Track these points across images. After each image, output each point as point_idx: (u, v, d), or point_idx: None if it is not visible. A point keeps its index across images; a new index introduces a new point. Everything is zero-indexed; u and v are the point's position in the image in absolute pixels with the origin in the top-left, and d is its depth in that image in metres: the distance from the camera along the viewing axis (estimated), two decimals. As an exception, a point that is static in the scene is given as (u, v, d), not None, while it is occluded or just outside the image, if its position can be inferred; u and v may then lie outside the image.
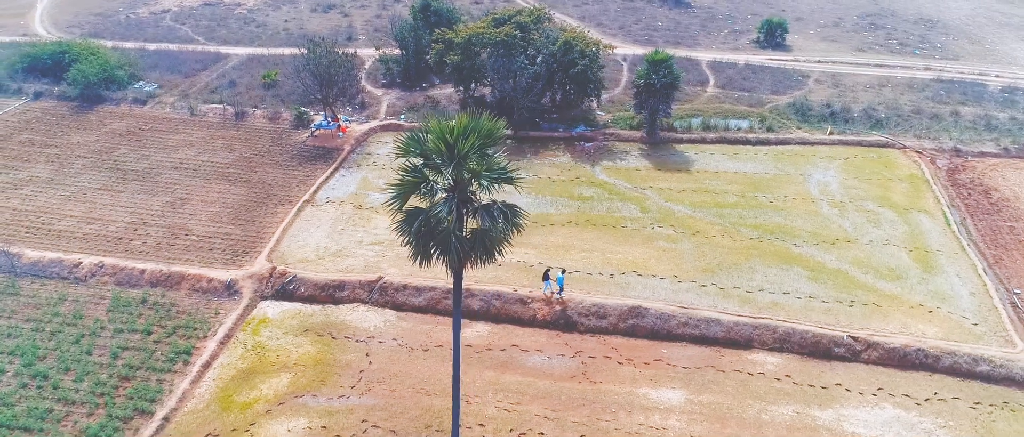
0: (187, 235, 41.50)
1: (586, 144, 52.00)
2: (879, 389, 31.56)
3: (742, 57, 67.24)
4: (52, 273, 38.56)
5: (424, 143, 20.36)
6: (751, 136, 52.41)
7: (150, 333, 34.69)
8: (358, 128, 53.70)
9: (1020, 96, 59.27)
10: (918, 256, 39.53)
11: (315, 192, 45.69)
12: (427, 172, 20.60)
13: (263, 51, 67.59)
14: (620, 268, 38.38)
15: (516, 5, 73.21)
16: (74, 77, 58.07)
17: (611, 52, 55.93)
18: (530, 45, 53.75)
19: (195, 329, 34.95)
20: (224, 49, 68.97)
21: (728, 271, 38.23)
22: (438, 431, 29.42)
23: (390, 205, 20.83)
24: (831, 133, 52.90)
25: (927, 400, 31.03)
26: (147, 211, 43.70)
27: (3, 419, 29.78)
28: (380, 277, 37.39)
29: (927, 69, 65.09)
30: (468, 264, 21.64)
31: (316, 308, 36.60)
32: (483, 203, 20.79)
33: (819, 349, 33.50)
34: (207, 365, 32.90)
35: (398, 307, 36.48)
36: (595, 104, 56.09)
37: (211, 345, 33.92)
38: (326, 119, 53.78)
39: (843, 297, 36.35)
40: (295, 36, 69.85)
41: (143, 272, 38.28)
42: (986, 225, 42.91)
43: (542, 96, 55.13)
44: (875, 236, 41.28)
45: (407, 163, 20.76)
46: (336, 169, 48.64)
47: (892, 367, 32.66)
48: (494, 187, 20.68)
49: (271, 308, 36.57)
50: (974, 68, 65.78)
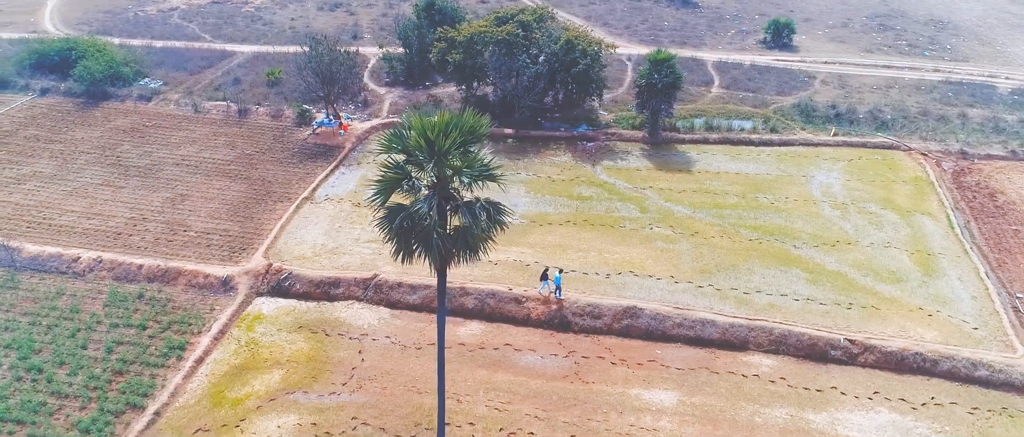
0: (186, 231, 41.67)
1: (588, 144, 51.77)
2: (875, 393, 31.15)
3: (748, 57, 66.74)
4: (51, 267, 38.82)
5: (406, 139, 20.28)
6: (754, 137, 51.98)
7: (145, 328, 34.84)
8: (360, 126, 53.75)
9: (1030, 98, 58.54)
10: (919, 259, 39.03)
11: (314, 189, 45.75)
12: (409, 169, 20.51)
13: (268, 49, 67.83)
14: (617, 268, 38.14)
15: (521, 3, 73.10)
16: (80, 74, 58.50)
17: (613, 51, 55.67)
18: (532, 44, 53.63)
19: (190, 324, 35.06)
20: (230, 47, 69.28)
21: (726, 272, 37.89)
22: (428, 429, 29.32)
23: (372, 201, 20.76)
24: (835, 134, 52.39)
25: (924, 405, 30.59)
26: (147, 207, 43.92)
27: (-3, 411, 30.01)
28: (375, 275, 37.37)
29: (936, 71, 64.35)
30: (452, 262, 21.52)
31: (311, 305, 36.62)
32: (466, 200, 20.67)
33: (815, 352, 33.12)
34: (200, 360, 32.99)
35: (392, 305, 36.43)
36: (597, 104, 55.83)
37: (205, 341, 34.01)
38: (328, 117, 53.88)
39: (842, 299, 35.94)
40: (301, 34, 69.90)
41: (140, 267, 38.46)
42: (990, 228, 42.31)
43: (544, 95, 54.98)
44: (876, 238, 40.79)
45: (389, 159, 20.66)
46: (336, 167, 48.69)
47: (889, 371, 32.23)
48: (477, 184, 20.52)
49: (266, 304, 36.63)
50: (984, 70, 64.96)
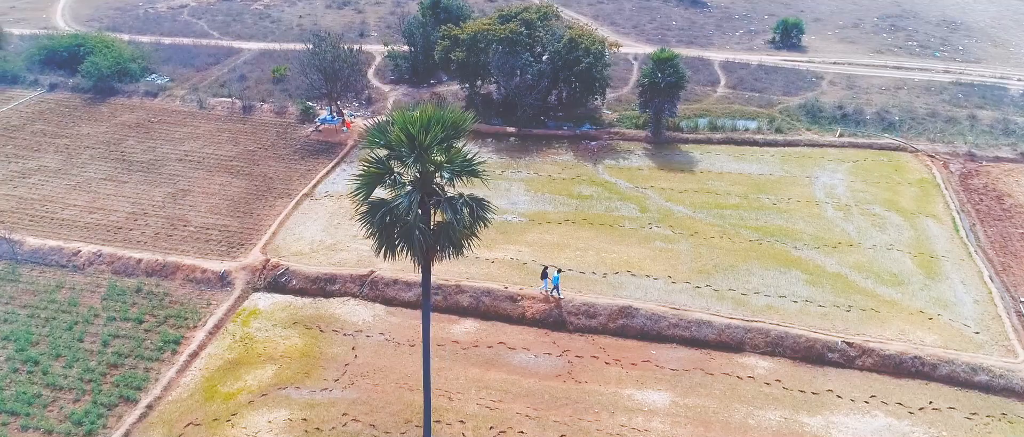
0: (185, 226, 41.85)
1: (591, 143, 51.52)
2: (872, 396, 30.71)
3: (755, 57, 66.16)
4: (52, 261, 39.12)
5: (388, 134, 20.18)
6: (758, 137, 51.51)
7: (142, 322, 35.00)
8: (362, 123, 53.75)
9: (1042, 100, 57.65)
10: (922, 262, 38.48)
11: (314, 186, 45.83)
12: (392, 164, 20.42)
13: (275, 46, 68.04)
14: (614, 268, 37.89)
15: (528, 1, 72.83)
16: (87, 69, 59.00)
17: (616, 50, 55.34)
18: (536, 42, 53.45)
19: (186, 319, 35.19)
20: (237, 44, 69.60)
21: (724, 273, 37.54)
22: (417, 426, 29.23)
23: (355, 196, 20.69)
24: (841, 135, 51.80)
25: (921, 409, 30.12)
26: (148, 202, 44.17)
27: (-8, 403, 30.24)
28: (372, 271, 37.34)
29: (946, 71, 63.49)
30: (436, 258, 21.39)
31: (307, 301, 36.66)
32: (448, 196, 20.54)
33: (812, 354, 32.72)
34: (195, 355, 33.10)
35: (388, 302, 36.39)
36: (600, 103, 55.54)
37: (200, 335, 34.12)
38: (331, 114, 53.98)
39: (841, 302, 35.49)
40: (308, 32, 69.71)
41: (139, 261, 38.67)
42: (996, 231, 41.65)
43: (548, 94, 54.78)
44: (879, 240, 40.27)
45: (371, 154, 20.59)
46: (337, 164, 48.74)
47: (887, 374, 31.77)
48: (460, 180, 20.39)
49: (262, 300, 36.71)
50: (996, 71, 64.02)
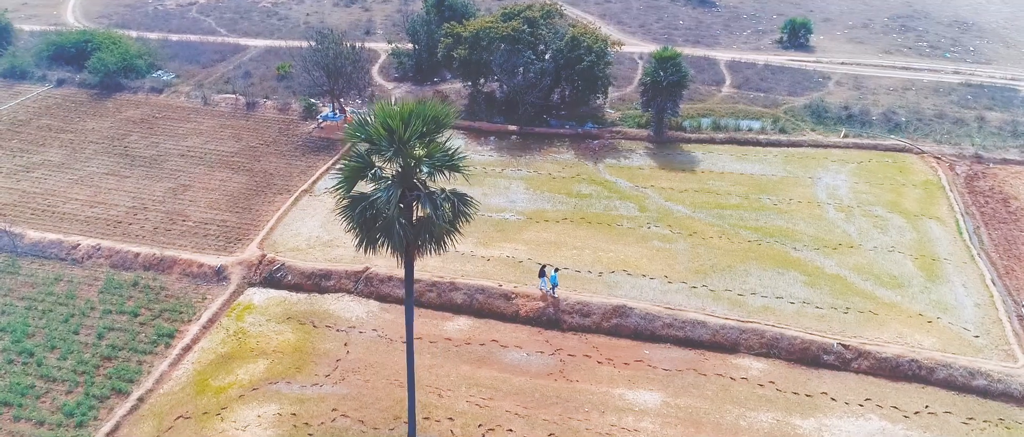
0: (185, 221, 42.04)
1: (593, 142, 51.24)
2: (867, 399, 30.31)
3: (762, 57, 65.62)
4: (51, 254, 39.42)
5: (368, 128, 20.10)
6: (761, 137, 51.03)
7: (137, 315, 35.17)
8: (365, 120, 53.74)
9: (1053, 102, 56.74)
10: (923, 264, 37.96)
11: (314, 182, 45.89)
12: (373, 158, 20.33)
13: (281, 43, 68.24)
14: (610, 267, 37.65)
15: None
16: (94, 65, 59.44)
17: (618, 49, 55.00)
18: (539, 40, 53.26)
19: (181, 313, 35.33)
20: (244, 41, 69.94)
21: (721, 273, 37.21)
22: (406, 422, 29.10)
23: (336, 190, 20.61)
24: (846, 136, 51.23)
25: (916, 413, 29.69)
26: (149, 196, 44.40)
27: (-15, 393, 30.48)
28: (367, 268, 37.31)
29: (956, 72, 62.68)
30: (418, 253, 21.28)
31: (302, 296, 36.70)
32: (428, 190, 20.43)
33: (807, 356, 32.35)
34: (188, 348, 33.22)
35: (382, 298, 36.35)
36: (602, 101, 55.27)
37: (194, 329, 34.24)
38: (333, 111, 54.06)
39: (839, 303, 35.07)
40: (315, 30, 70.19)
41: (137, 255, 38.88)
42: (1001, 234, 41.02)
43: (550, 92, 54.59)
44: (880, 242, 39.77)
45: (354, 148, 20.49)
46: (338, 160, 48.77)
47: (883, 378, 31.34)
48: (442, 174, 20.28)
49: (257, 295, 36.80)
50: (1007, 73, 63.14)
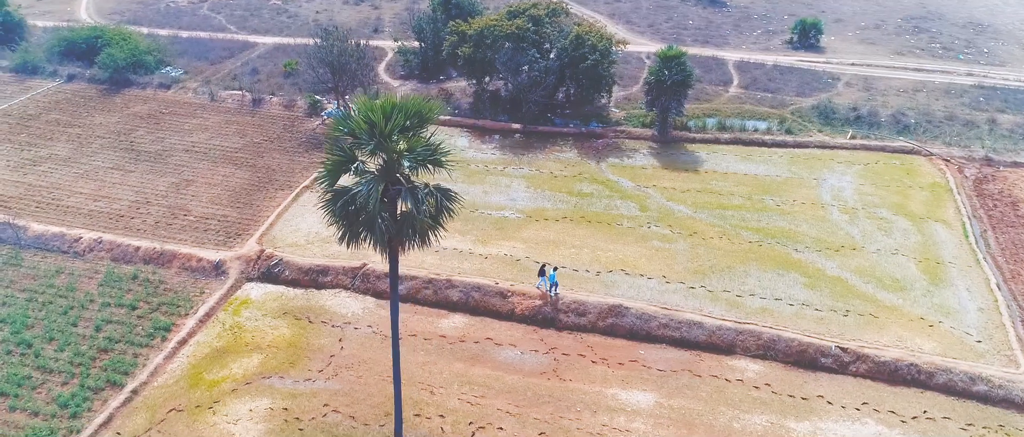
0: (186, 215, 42.27)
1: (597, 141, 50.97)
2: (864, 403, 29.87)
3: (771, 58, 65.03)
4: (53, 246, 39.77)
5: (351, 121, 20.05)
6: (767, 138, 50.53)
7: (135, 308, 35.39)
8: (369, 118, 53.83)
9: (1067, 105, 55.73)
10: (927, 267, 37.38)
11: (316, 179, 45.91)
12: (356, 152, 20.28)
13: (289, 41, 68.56)
14: (608, 266, 37.41)
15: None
16: (104, 61, 59.97)
17: (623, 48, 54.63)
18: (544, 39, 53.06)
19: (178, 306, 35.51)
20: (253, 38, 70.31)
21: (720, 274, 36.85)
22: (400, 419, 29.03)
23: (320, 184, 20.58)
24: (853, 137, 50.61)
25: (914, 418, 29.21)
26: (152, 191, 44.70)
27: (-18, 383, 30.78)
28: (364, 264, 37.31)
29: (969, 74, 61.78)
30: (402, 247, 21.20)
31: (298, 292, 36.78)
32: (409, 185, 20.32)
33: (804, 358, 31.94)
34: (184, 342, 33.37)
35: (379, 295, 36.32)
36: (606, 100, 54.99)
37: (190, 323, 34.39)
38: (338, 108, 54.17)
39: (839, 306, 34.61)
40: (321, 27, 70.49)
41: (138, 249, 39.13)
42: (1008, 238, 40.30)
43: (555, 91, 54.39)
44: (884, 245, 39.22)
45: (336, 142, 20.47)
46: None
47: (881, 382, 30.88)
48: (425, 169, 20.18)
49: (255, 290, 36.91)
50: (1021, 75, 62.13)
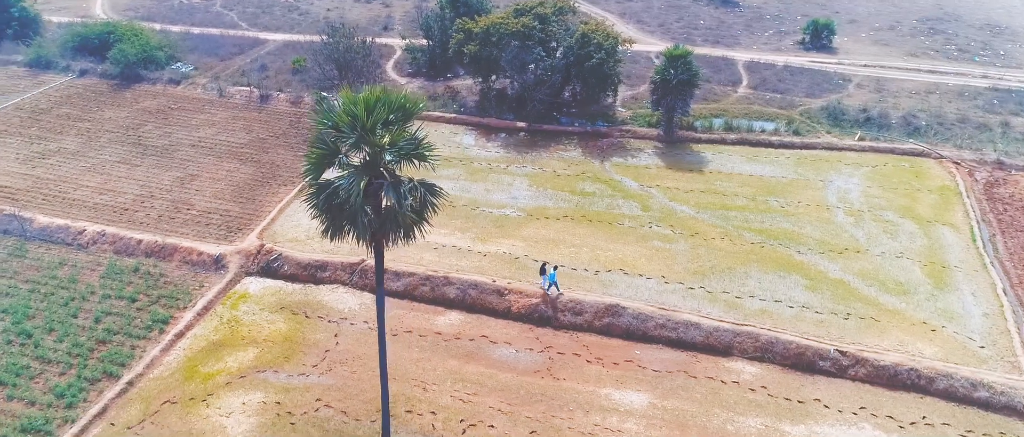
0: (189, 210, 42.56)
1: (602, 140, 50.69)
2: (861, 408, 29.42)
3: (782, 58, 64.36)
4: (58, 239, 40.19)
5: (335, 114, 20.02)
6: (774, 139, 49.98)
7: (135, 301, 35.66)
8: (374, 115, 53.89)
9: (1084, 109, 54.63)
10: (932, 271, 36.76)
11: (318, 174, 46.08)
12: (339, 145, 20.24)
13: (299, 38, 68.86)
14: (607, 265, 37.16)
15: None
16: (115, 56, 60.56)
17: (629, 47, 54.24)
18: (550, 37, 52.84)
19: (177, 299, 35.74)
20: (263, 35, 70.71)
21: (720, 275, 36.47)
22: (388, 415, 29.00)
23: (304, 177, 20.58)
24: (861, 138, 49.94)
25: (912, 424, 28.72)
26: (157, 185, 45.06)
27: (-20, 372, 31.15)
28: (362, 260, 37.34)
29: (984, 77, 60.76)
30: (387, 242, 21.14)
31: (297, 287, 36.89)
32: (391, 180, 20.25)
33: (802, 361, 31.53)
34: (181, 335, 33.58)
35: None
36: (612, 100, 54.67)
37: (188, 316, 34.60)
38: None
39: (840, 309, 34.13)
40: (328, 24, 70.80)
41: (140, 242, 39.45)
42: (1018, 243, 39.54)
43: (561, 90, 54.16)
44: (889, 248, 38.62)
45: (320, 135, 20.46)
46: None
47: (880, 386, 30.41)
48: (409, 164, 20.09)
49: (254, 284, 37.06)
50: (1038, 77, 61.10)
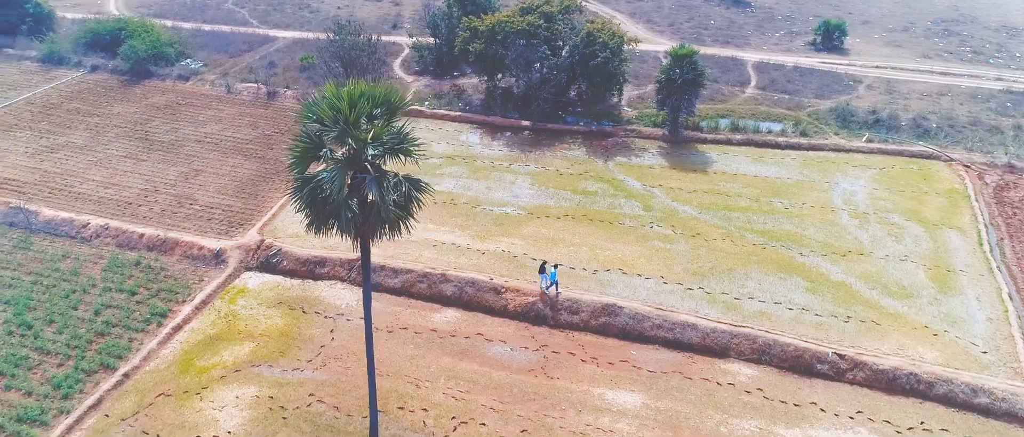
0: (192, 204, 42.82)
1: (606, 139, 50.43)
2: (858, 412, 29.01)
3: (792, 59, 63.74)
4: (62, 231, 40.58)
5: (319, 108, 20.00)
6: (780, 140, 49.49)
7: (135, 294, 35.91)
8: (380, 112, 53.96)
9: (1100, 112, 53.62)
10: (936, 275, 36.20)
11: (322, 171, 46.24)
12: (324, 139, 20.23)
13: (308, 35, 69.12)
14: (606, 265, 36.94)
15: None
16: (125, 52, 61.13)
17: (635, 46, 53.95)
18: (556, 36, 52.67)
19: (176, 293, 35.94)
20: (273, 32, 71.06)
21: (720, 276, 36.14)
22: (380, 411, 28.98)
23: (290, 171, 20.60)
24: (868, 140, 49.32)
25: (910, 429, 28.28)
26: (161, 180, 45.38)
27: (-20, 362, 31.48)
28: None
29: (998, 79, 59.85)
30: (371, 237, 21.08)
31: (295, 282, 36.99)
32: (374, 174, 20.19)
33: (800, 364, 31.15)
34: (178, 328, 33.76)
35: (374, 287, 36.27)
36: (617, 99, 54.40)
37: (187, 309, 34.78)
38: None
39: (840, 312, 33.69)
40: (341, 22, 70.97)
41: (142, 236, 39.73)
42: (1026, 248, 38.92)
43: (566, 89, 53.98)
44: (893, 251, 38.09)
45: (305, 129, 20.45)
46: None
47: (878, 390, 29.98)
48: (395, 158, 20.04)
49: (252, 279, 37.21)
50: (1054, 80, 60.06)
